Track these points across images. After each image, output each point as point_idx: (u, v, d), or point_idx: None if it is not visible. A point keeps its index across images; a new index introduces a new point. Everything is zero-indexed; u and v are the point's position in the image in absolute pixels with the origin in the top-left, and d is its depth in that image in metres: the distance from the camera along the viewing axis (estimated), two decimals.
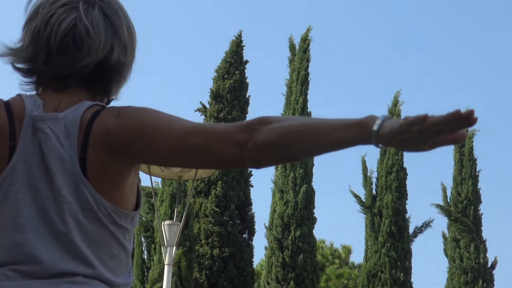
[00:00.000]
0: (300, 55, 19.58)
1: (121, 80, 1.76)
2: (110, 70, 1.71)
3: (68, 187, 1.59)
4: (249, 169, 18.27)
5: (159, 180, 16.45)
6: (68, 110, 1.64)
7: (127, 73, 1.77)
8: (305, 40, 19.76)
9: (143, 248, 16.88)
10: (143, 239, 16.73)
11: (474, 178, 20.74)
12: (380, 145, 1.44)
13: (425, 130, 1.38)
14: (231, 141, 1.53)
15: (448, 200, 20.90)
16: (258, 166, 1.56)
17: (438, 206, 20.64)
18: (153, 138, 1.58)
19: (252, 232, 18.05)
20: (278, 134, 1.50)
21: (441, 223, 27.39)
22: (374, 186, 19.91)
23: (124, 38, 1.74)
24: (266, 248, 18.46)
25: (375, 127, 1.42)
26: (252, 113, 20.27)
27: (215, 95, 19.09)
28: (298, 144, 1.50)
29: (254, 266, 18.39)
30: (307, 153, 1.55)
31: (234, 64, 19.33)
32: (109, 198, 1.61)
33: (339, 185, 45.72)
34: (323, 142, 1.49)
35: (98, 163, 1.59)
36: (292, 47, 20.00)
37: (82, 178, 1.59)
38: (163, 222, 9.99)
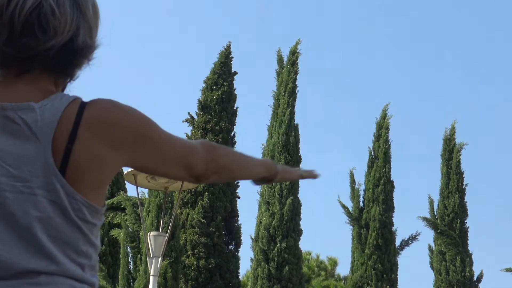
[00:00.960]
0: (288, 68, 19.64)
1: (85, 63, 1.68)
2: (76, 52, 1.63)
3: (38, 178, 1.50)
4: (236, 181, 18.27)
5: (145, 190, 16.40)
6: (45, 100, 1.56)
7: (91, 55, 1.68)
8: (294, 53, 19.83)
9: (129, 258, 16.79)
10: (129, 250, 16.64)
11: (461, 192, 20.81)
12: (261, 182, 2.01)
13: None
14: (204, 159, 1.72)
15: (435, 213, 20.95)
16: (204, 182, 1.79)
17: (425, 219, 20.68)
18: (156, 153, 1.62)
19: (238, 244, 18.02)
20: (230, 161, 1.81)
21: (427, 236, 27.47)
22: (361, 199, 19.94)
23: (90, 18, 1.66)
24: (252, 259, 18.44)
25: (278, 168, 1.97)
26: (240, 124, 20.26)
27: (203, 106, 19.09)
28: (238, 171, 1.88)
29: (240, 277, 18.36)
30: (238, 179, 2.00)
31: (222, 75, 19.35)
32: (84, 192, 1.54)
33: (325, 197, 45.78)
34: (250, 173, 1.92)
35: (89, 155, 1.53)
36: (280, 60, 20.07)
37: (55, 170, 1.51)
38: (149, 233, 9.98)
